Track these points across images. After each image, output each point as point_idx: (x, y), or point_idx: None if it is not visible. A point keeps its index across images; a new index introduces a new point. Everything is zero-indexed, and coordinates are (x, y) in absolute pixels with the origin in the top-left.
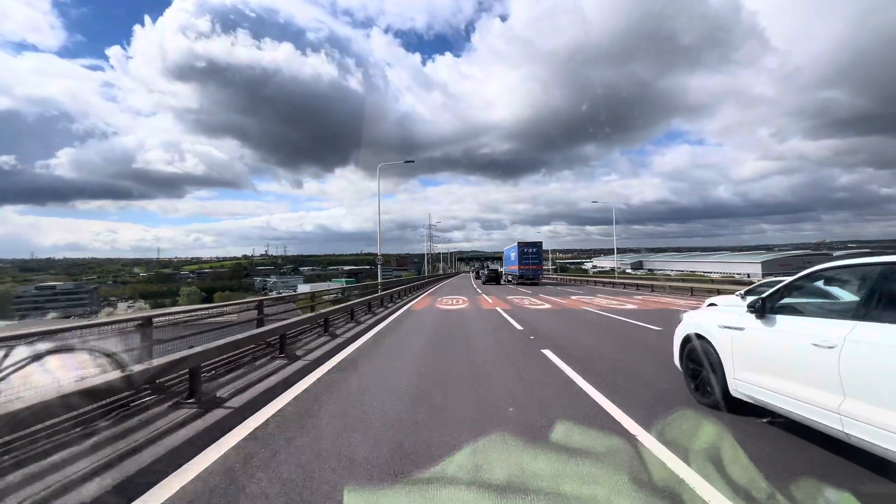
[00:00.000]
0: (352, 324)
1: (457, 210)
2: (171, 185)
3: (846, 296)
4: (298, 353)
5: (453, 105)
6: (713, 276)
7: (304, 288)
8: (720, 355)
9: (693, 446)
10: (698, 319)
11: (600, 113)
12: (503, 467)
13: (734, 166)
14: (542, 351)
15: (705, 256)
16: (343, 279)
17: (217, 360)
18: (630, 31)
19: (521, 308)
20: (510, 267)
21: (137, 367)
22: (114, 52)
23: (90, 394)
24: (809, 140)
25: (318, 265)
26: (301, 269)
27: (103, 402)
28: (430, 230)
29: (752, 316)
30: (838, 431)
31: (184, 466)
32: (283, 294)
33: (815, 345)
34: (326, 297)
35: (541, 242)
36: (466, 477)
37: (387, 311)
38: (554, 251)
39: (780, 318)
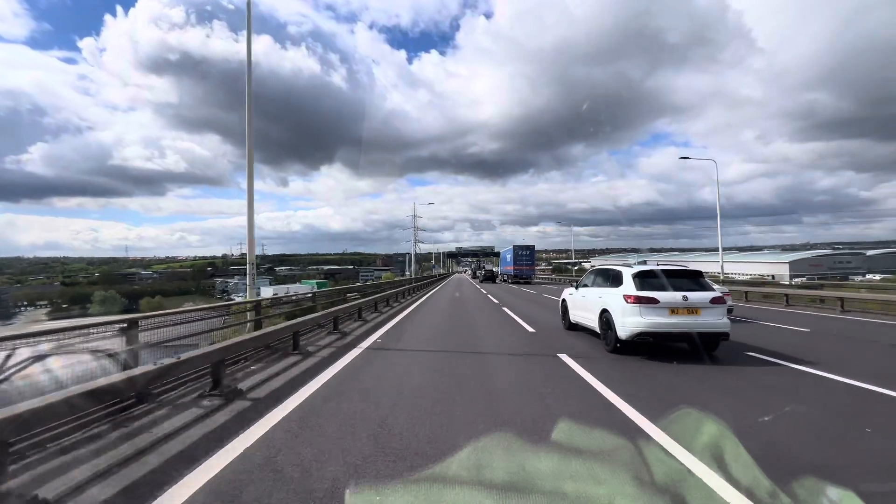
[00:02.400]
0: (282, 361)
1: (446, 210)
2: (151, 183)
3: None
4: None
5: (440, 103)
6: (738, 277)
7: (267, 291)
8: (568, 306)
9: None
10: (564, 293)
11: (587, 112)
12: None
13: (719, 168)
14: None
15: (716, 256)
16: (314, 281)
17: None
18: (616, 29)
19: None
20: (506, 267)
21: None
22: (87, 43)
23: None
24: (795, 143)
25: (299, 265)
26: (278, 269)
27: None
28: (414, 221)
29: (574, 289)
30: (587, 326)
31: None
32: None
33: (583, 297)
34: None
35: (533, 246)
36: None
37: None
38: (548, 251)
39: (580, 289)
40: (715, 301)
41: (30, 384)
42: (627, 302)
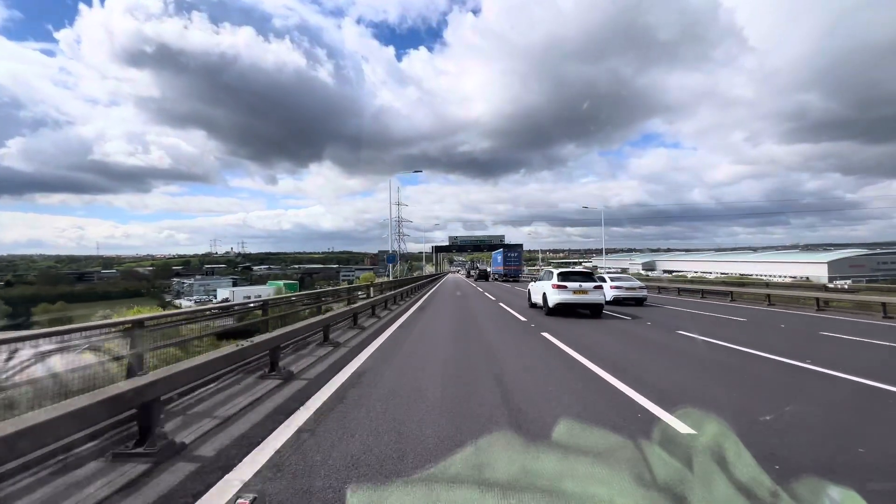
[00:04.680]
0: None
1: (438, 210)
2: (136, 179)
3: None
4: None
5: (430, 101)
6: (772, 279)
7: (224, 294)
8: (530, 294)
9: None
10: (529, 285)
11: (578, 111)
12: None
13: (709, 170)
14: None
15: (728, 256)
16: (281, 282)
17: None
18: (606, 26)
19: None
20: (496, 267)
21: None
22: (63, 34)
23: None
24: (784, 145)
25: (282, 264)
26: (256, 268)
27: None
28: (399, 210)
29: (533, 282)
30: (538, 304)
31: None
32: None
33: (536, 286)
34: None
35: (521, 246)
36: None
37: None
38: (544, 251)
39: (536, 282)
40: (596, 287)
41: None
42: (553, 287)
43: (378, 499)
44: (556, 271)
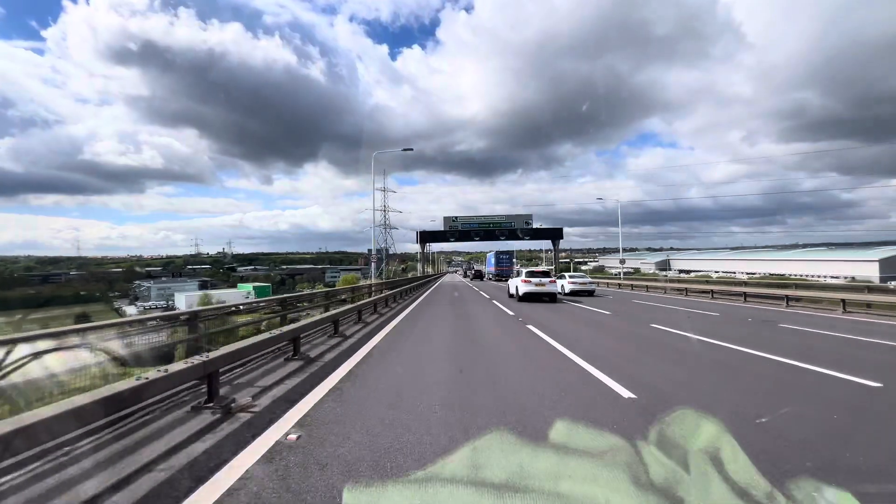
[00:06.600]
0: None
1: (435, 210)
2: (128, 180)
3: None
4: None
5: (424, 99)
6: (813, 280)
7: (180, 300)
8: (509, 287)
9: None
10: (508, 281)
11: (574, 110)
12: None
13: (706, 169)
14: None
15: (752, 255)
16: (250, 285)
17: None
18: (602, 20)
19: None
20: (490, 268)
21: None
22: (50, 32)
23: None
24: (781, 143)
25: (270, 264)
26: (240, 269)
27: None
28: (385, 196)
29: (511, 279)
30: (514, 294)
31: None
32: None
33: (511, 282)
34: None
35: (512, 251)
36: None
37: None
38: (546, 251)
39: (513, 279)
40: (551, 282)
41: None
42: (522, 282)
43: (377, 493)
44: (524, 270)
